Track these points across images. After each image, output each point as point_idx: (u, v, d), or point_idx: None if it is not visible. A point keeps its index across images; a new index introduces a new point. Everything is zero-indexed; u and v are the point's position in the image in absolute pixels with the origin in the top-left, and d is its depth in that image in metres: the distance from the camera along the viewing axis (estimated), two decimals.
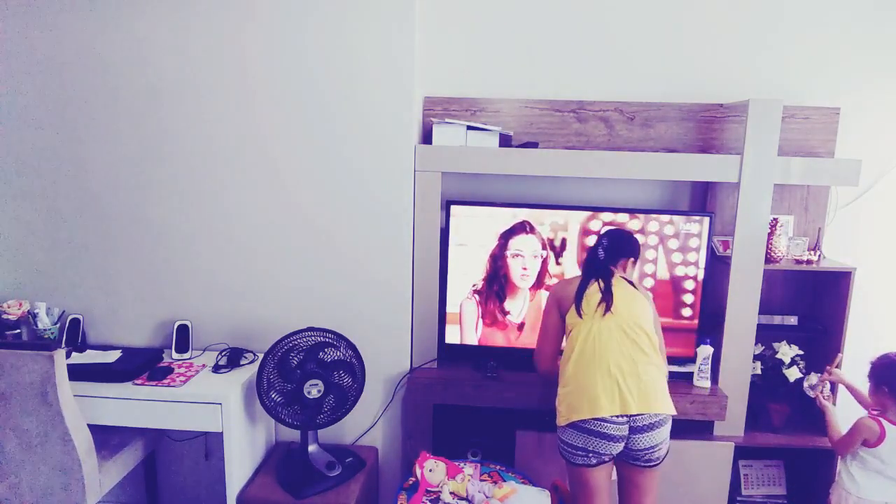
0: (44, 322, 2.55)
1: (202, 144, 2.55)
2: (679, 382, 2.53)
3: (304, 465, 2.40)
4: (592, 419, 2.00)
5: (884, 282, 2.76)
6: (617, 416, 1.99)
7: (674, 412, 2.07)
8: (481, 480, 2.30)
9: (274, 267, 2.62)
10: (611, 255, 2.24)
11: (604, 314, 2.11)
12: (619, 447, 2.03)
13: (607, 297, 2.12)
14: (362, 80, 2.48)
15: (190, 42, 2.48)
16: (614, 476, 2.17)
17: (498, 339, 2.65)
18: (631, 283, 2.22)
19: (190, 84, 2.51)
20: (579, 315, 2.14)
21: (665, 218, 2.53)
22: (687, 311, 2.56)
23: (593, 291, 2.16)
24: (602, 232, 2.36)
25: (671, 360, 2.56)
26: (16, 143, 2.59)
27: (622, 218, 2.55)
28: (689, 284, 2.54)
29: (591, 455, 2.04)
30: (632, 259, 2.28)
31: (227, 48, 2.48)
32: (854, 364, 2.71)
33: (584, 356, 2.08)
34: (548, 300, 2.32)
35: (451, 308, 2.64)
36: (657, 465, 2.11)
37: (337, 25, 2.45)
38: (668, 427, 2.06)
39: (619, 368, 2.03)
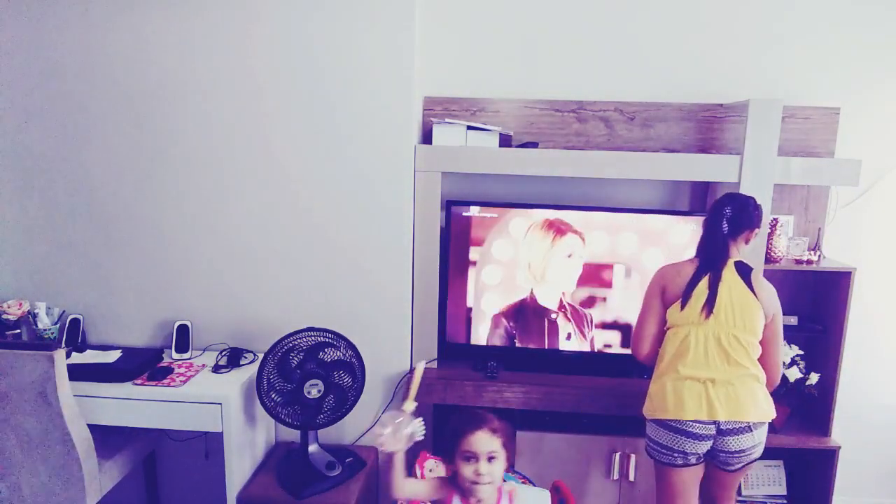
0: (44, 322, 2.55)
1: (202, 145, 2.55)
2: None
3: (304, 465, 2.40)
4: (678, 419, 1.98)
5: (884, 282, 2.76)
6: (703, 421, 1.97)
7: (769, 417, 2.01)
8: None
9: (274, 267, 2.62)
10: (734, 227, 2.08)
11: (705, 318, 2.02)
12: (707, 446, 2.00)
13: (711, 300, 2.02)
14: (363, 81, 2.48)
15: (190, 42, 2.48)
16: None
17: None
18: (748, 276, 2.07)
19: (190, 85, 2.51)
20: (682, 313, 2.05)
21: (665, 218, 2.53)
22: None
23: (701, 290, 2.04)
24: (720, 198, 2.16)
25: None
26: (16, 143, 2.58)
27: (623, 218, 2.54)
28: None
29: (676, 454, 2.02)
30: (755, 230, 2.13)
31: (227, 49, 2.48)
32: (854, 364, 2.73)
33: (678, 359, 2.03)
34: (651, 284, 2.18)
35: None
36: (744, 468, 2.07)
37: (337, 25, 2.45)
38: (761, 431, 2.01)
39: (710, 379, 1.99)
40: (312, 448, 2.42)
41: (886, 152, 2.69)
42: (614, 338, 2.61)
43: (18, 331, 2.56)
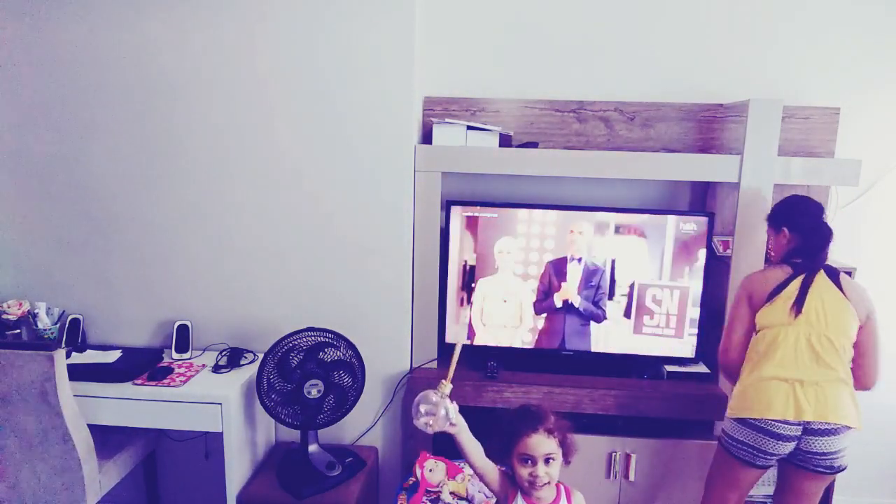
0: (44, 322, 2.55)
1: (202, 145, 2.55)
2: (678, 382, 2.53)
3: (304, 465, 2.40)
4: (762, 418, 1.96)
5: (884, 282, 2.76)
6: (790, 422, 1.94)
7: (857, 426, 1.96)
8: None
9: (274, 267, 2.62)
10: (829, 232, 2.08)
11: (794, 317, 2.00)
12: (790, 447, 1.96)
13: (800, 300, 2.00)
14: (363, 80, 2.48)
15: (190, 43, 2.48)
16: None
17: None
18: (836, 278, 2.05)
19: (190, 85, 2.51)
20: (772, 313, 2.03)
21: (665, 218, 2.52)
22: (687, 310, 2.56)
23: (791, 291, 2.03)
24: (801, 202, 2.15)
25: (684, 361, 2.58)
26: (16, 143, 2.58)
27: (624, 218, 2.54)
28: (690, 284, 2.53)
29: (757, 454, 1.99)
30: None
31: (227, 49, 2.48)
32: None
33: (766, 359, 2.01)
34: (739, 292, 2.17)
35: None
36: (831, 473, 2.01)
37: (337, 25, 2.45)
38: (847, 437, 1.96)
39: (798, 380, 1.96)
40: (312, 448, 2.42)
41: (886, 152, 2.69)
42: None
43: (18, 331, 2.56)
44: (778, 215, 2.18)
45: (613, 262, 2.54)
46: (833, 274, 2.07)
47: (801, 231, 2.12)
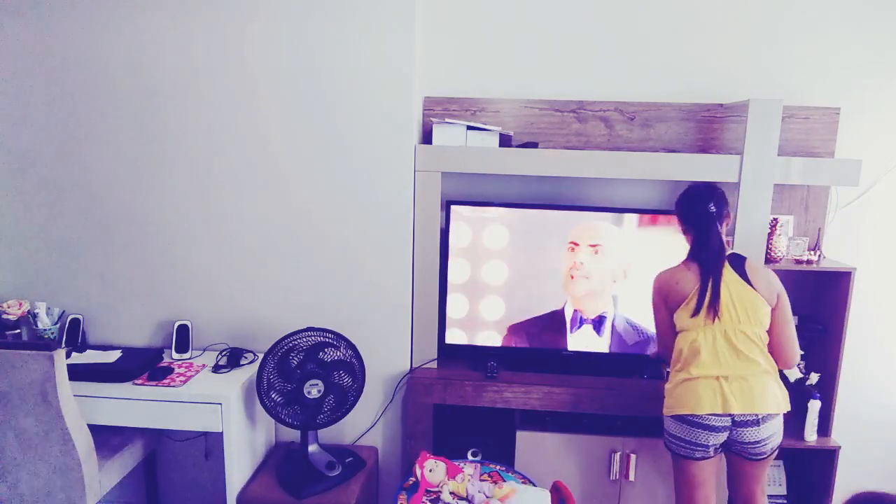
0: (44, 322, 2.55)
1: (202, 145, 2.55)
2: None
3: (304, 465, 2.40)
4: (694, 413, 2.04)
5: (884, 282, 2.76)
6: (718, 414, 2.02)
7: (784, 409, 2.05)
8: (481, 480, 2.30)
9: (274, 267, 2.62)
10: (720, 220, 2.12)
11: (711, 322, 2.05)
12: (723, 437, 2.05)
13: (714, 303, 2.04)
14: (362, 81, 2.48)
15: (190, 43, 2.48)
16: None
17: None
18: (741, 267, 2.10)
19: (190, 84, 2.51)
20: (691, 319, 2.07)
21: (667, 219, 2.52)
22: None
23: (702, 293, 2.06)
24: (691, 195, 2.17)
25: None
26: (16, 144, 2.59)
27: (625, 219, 2.54)
28: None
29: (695, 447, 2.07)
30: (728, 213, 2.16)
31: (227, 48, 2.48)
32: (854, 364, 2.73)
33: (690, 361, 2.07)
34: (654, 294, 2.20)
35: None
36: (765, 458, 2.11)
37: (337, 26, 2.45)
38: (775, 422, 2.05)
39: (723, 376, 2.03)
40: (312, 448, 2.42)
41: (886, 152, 2.69)
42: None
43: (18, 331, 2.56)
44: (677, 213, 2.22)
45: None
46: (737, 263, 2.11)
47: (691, 223, 2.16)
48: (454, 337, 2.67)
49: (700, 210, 2.13)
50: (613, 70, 2.69)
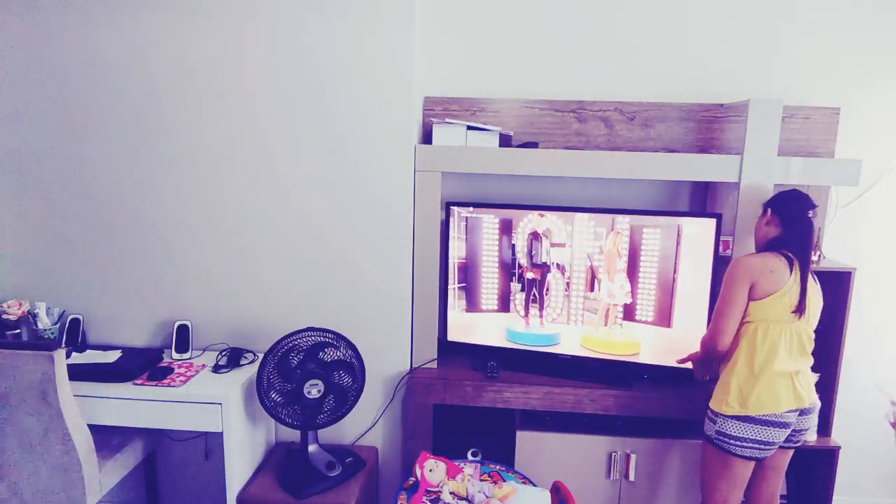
0: (44, 322, 2.55)
1: (202, 144, 2.55)
2: (678, 382, 2.53)
3: (304, 465, 2.40)
4: (773, 413, 2.07)
5: (884, 282, 2.76)
6: (792, 409, 2.09)
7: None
8: (481, 480, 2.30)
9: (274, 267, 2.62)
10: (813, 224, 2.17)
11: (798, 318, 2.09)
12: (788, 432, 2.12)
13: (803, 301, 2.08)
14: (362, 81, 2.48)
15: (190, 43, 2.48)
16: None
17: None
18: (813, 272, 2.18)
19: (190, 84, 2.51)
20: (775, 310, 2.07)
21: (670, 220, 2.50)
22: (692, 312, 2.55)
23: (791, 288, 2.06)
24: (792, 194, 2.18)
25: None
26: (16, 143, 2.58)
27: (621, 220, 2.54)
28: (696, 286, 2.51)
29: (764, 447, 2.09)
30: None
31: (228, 48, 2.48)
32: (854, 364, 2.73)
33: (773, 358, 2.07)
34: (737, 273, 2.10)
35: None
36: (799, 445, 2.22)
37: (337, 25, 2.45)
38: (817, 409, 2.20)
39: (796, 372, 2.09)
40: (312, 448, 2.42)
41: (886, 152, 2.69)
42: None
43: (18, 331, 2.56)
44: (776, 207, 2.21)
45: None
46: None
47: (793, 222, 2.16)
48: (455, 335, 2.67)
49: (806, 213, 2.15)
50: (613, 70, 2.69)
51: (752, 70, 2.65)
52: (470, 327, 2.69)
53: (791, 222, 2.15)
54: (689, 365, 2.38)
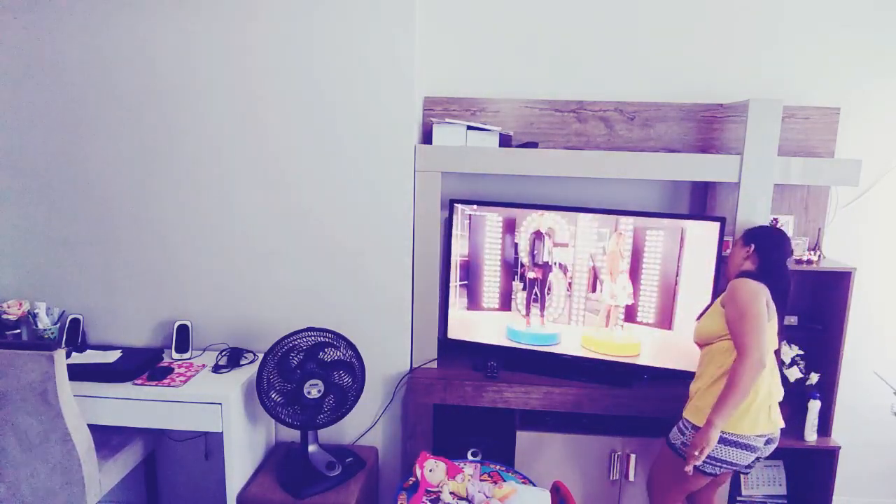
0: (44, 322, 2.55)
1: (202, 145, 2.55)
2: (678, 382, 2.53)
3: (304, 465, 2.40)
4: (752, 435, 2.06)
5: (884, 282, 2.76)
6: (765, 435, 2.08)
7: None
8: (481, 480, 2.30)
9: (274, 267, 2.62)
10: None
11: (778, 344, 2.16)
12: (752, 459, 2.10)
13: (782, 334, 2.17)
14: (363, 81, 2.48)
15: (190, 43, 2.48)
16: None
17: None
18: None
19: (190, 85, 2.51)
20: (770, 335, 2.08)
21: (673, 222, 2.47)
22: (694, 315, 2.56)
23: (772, 315, 2.10)
24: (778, 233, 2.25)
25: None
26: (16, 143, 2.58)
27: (624, 221, 2.54)
28: (698, 289, 2.50)
29: (727, 466, 2.08)
30: None
31: (228, 49, 2.48)
32: (854, 364, 2.73)
33: (773, 379, 2.11)
34: (754, 292, 2.05)
35: None
36: (748, 472, 2.25)
37: (337, 26, 2.45)
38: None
39: (775, 400, 2.11)
40: (312, 448, 2.42)
41: (886, 152, 2.69)
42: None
43: (18, 331, 2.56)
44: (757, 241, 2.20)
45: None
46: None
47: (771, 260, 2.16)
48: (456, 332, 2.67)
49: (785, 261, 2.19)
50: (613, 70, 2.69)
51: (752, 70, 2.65)
52: (471, 325, 2.69)
53: (770, 267, 2.15)
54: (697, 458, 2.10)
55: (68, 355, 2.45)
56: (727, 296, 2.10)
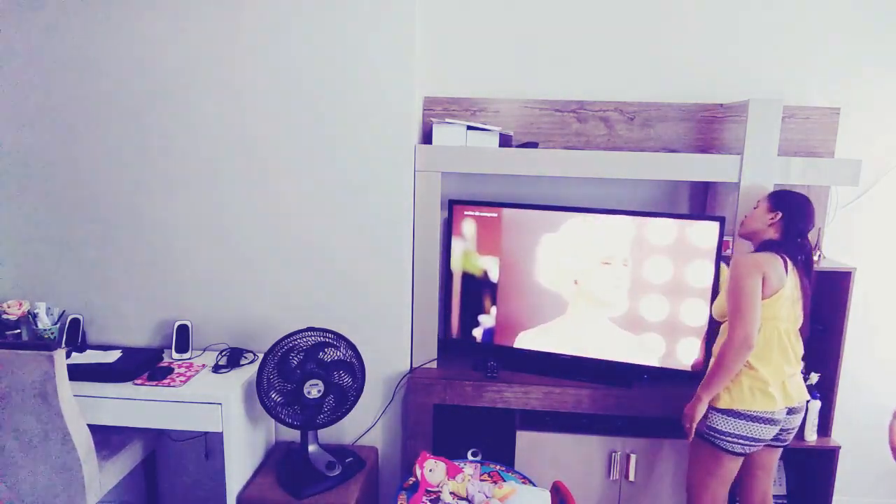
0: (44, 322, 2.55)
1: (202, 145, 2.55)
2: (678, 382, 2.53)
3: (304, 465, 2.40)
4: (765, 410, 2.08)
5: (884, 282, 2.76)
6: (783, 409, 2.11)
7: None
8: (481, 480, 2.30)
9: (274, 267, 2.62)
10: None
11: (794, 317, 2.14)
12: (776, 430, 2.13)
13: (807, 306, 2.15)
14: (363, 81, 2.48)
15: (190, 43, 2.48)
16: None
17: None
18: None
19: (190, 85, 2.51)
20: (779, 308, 2.08)
21: (673, 222, 2.47)
22: (694, 316, 2.55)
23: (791, 290, 2.11)
24: (803, 200, 2.17)
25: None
26: (16, 143, 2.58)
27: (622, 220, 2.54)
28: (699, 289, 2.49)
29: (752, 442, 2.11)
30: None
31: (227, 49, 2.48)
32: (854, 364, 2.73)
33: (762, 354, 2.10)
34: (748, 268, 2.06)
35: None
36: (786, 445, 2.26)
37: (337, 26, 2.45)
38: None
39: (789, 375, 2.13)
40: (312, 448, 2.42)
41: (886, 152, 2.69)
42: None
43: (18, 331, 2.56)
44: (784, 207, 2.16)
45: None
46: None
47: (796, 226, 2.15)
48: (457, 331, 2.67)
49: (810, 224, 2.18)
50: (613, 70, 2.69)
51: (752, 70, 2.66)
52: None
53: (796, 236, 2.15)
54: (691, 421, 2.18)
55: (68, 355, 2.45)
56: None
